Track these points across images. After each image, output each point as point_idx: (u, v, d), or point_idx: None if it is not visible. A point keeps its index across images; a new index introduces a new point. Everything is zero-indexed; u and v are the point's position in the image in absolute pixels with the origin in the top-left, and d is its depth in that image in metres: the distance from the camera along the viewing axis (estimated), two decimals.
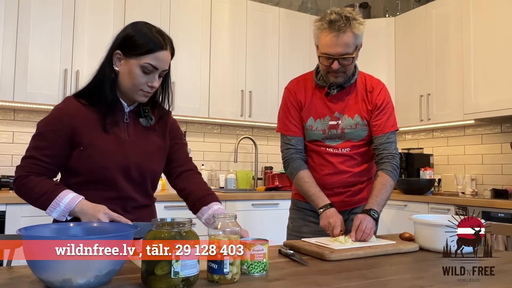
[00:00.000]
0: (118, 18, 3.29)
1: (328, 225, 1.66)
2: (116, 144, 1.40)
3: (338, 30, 1.64)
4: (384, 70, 4.06)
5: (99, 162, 1.37)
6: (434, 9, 3.78)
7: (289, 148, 1.85)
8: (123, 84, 1.40)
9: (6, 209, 2.60)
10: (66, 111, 1.39)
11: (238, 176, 4.08)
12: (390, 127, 1.81)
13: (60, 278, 0.92)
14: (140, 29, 1.38)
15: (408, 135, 4.43)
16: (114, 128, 1.41)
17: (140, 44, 1.35)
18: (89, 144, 1.36)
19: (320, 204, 1.73)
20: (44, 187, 1.32)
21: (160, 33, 1.39)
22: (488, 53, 3.30)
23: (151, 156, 1.47)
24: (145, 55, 1.35)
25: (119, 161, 1.39)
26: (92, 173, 1.37)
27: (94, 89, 1.42)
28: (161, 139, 1.51)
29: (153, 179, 1.51)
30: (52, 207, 1.29)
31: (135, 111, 1.48)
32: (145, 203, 1.50)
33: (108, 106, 1.40)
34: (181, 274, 0.95)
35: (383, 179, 1.74)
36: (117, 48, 1.39)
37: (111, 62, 1.40)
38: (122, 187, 1.41)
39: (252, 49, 3.86)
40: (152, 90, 1.40)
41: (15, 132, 3.27)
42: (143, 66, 1.35)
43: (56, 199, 1.29)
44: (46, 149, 1.36)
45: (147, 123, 1.48)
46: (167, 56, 1.38)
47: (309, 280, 1.10)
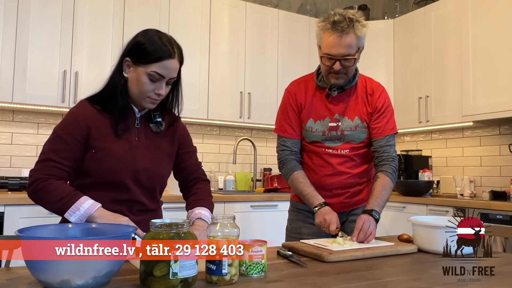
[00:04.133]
0: (117, 19, 3.29)
1: (323, 222, 1.68)
2: (127, 149, 1.43)
3: (341, 31, 1.65)
4: (383, 72, 4.07)
5: (110, 165, 1.40)
6: (433, 11, 3.80)
7: (284, 150, 1.87)
8: (131, 91, 1.43)
9: (4, 210, 2.60)
10: (82, 115, 1.41)
11: (237, 177, 4.08)
12: (390, 130, 1.82)
13: (59, 279, 0.92)
14: (150, 37, 1.40)
15: (406, 137, 4.43)
16: (125, 133, 1.45)
17: (148, 52, 1.37)
18: (100, 147, 1.40)
19: (315, 203, 1.75)
20: (63, 191, 1.34)
21: (170, 41, 1.40)
22: (486, 55, 3.31)
23: (160, 161, 1.50)
24: (153, 63, 1.37)
25: (129, 165, 1.42)
26: (102, 175, 1.40)
27: (107, 95, 1.44)
28: (170, 145, 1.55)
29: (161, 183, 1.54)
30: (71, 211, 1.30)
31: (145, 117, 1.51)
32: (152, 207, 1.52)
33: (120, 112, 1.43)
34: (180, 275, 0.95)
35: (384, 180, 1.74)
36: (127, 55, 1.41)
37: (121, 68, 1.43)
38: (130, 190, 1.44)
39: (251, 51, 3.87)
40: (159, 98, 1.43)
41: (14, 133, 3.26)
42: (150, 74, 1.37)
43: (76, 204, 1.31)
44: (64, 152, 1.37)
45: (157, 129, 1.51)
46: (175, 64, 1.40)
47: (307, 281, 1.10)
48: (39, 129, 3.33)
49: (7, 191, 2.97)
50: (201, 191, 1.59)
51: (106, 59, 3.21)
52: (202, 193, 1.58)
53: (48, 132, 3.67)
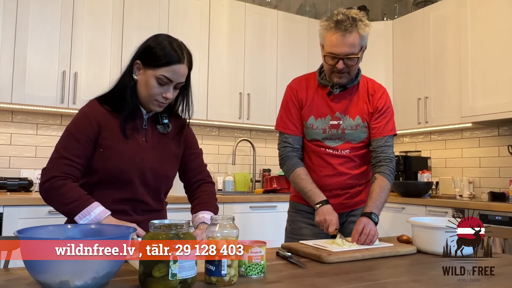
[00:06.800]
0: (116, 20, 3.29)
1: (323, 221, 1.68)
2: (134, 149, 1.45)
3: (345, 30, 1.65)
4: (382, 73, 4.07)
5: (118, 164, 1.42)
6: (432, 12, 3.80)
7: (286, 146, 1.86)
8: (140, 93, 1.46)
9: (3, 211, 2.59)
10: (93, 114, 1.44)
11: (236, 178, 4.08)
12: (389, 131, 1.82)
13: (58, 279, 0.92)
14: (161, 41, 1.42)
15: (406, 138, 4.43)
16: (133, 134, 1.47)
17: (158, 56, 1.39)
18: (109, 147, 1.42)
19: (316, 200, 1.74)
20: (76, 193, 1.35)
21: (180, 47, 1.43)
22: (485, 56, 3.31)
23: (166, 161, 1.53)
24: (162, 67, 1.39)
25: (136, 164, 1.44)
26: (109, 174, 1.42)
27: (116, 96, 1.47)
28: (176, 146, 1.57)
29: (167, 184, 1.56)
30: (82, 214, 1.32)
31: (153, 118, 1.53)
32: (156, 207, 1.54)
33: (129, 113, 1.45)
34: (179, 276, 0.95)
35: (382, 182, 1.74)
36: (138, 58, 1.45)
37: (131, 71, 1.46)
38: (136, 189, 1.46)
39: (251, 52, 3.87)
40: (166, 101, 1.45)
41: (13, 134, 3.26)
42: (158, 78, 1.40)
43: (87, 208, 1.33)
44: (77, 150, 1.39)
45: (164, 130, 1.53)
46: (183, 69, 1.42)
47: (307, 282, 1.10)
48: (38, 129, 3.33)
49: (6, 191, 2.97)
50: (205, 194, 1.59)
51: (105, 60, 3.21)
52: (206, 197, 1.59)
53: (48, 133, 3.67)
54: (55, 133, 3.35)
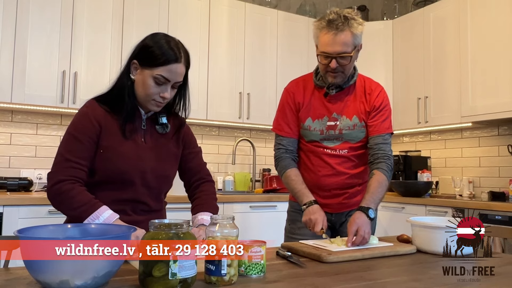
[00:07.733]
0: (116, 20, 3.29)
1: (309, 221, 1.67)
2: (134, 149, 1.45)
3: (336, 29, 1.66)
4: (382, 73, 4.07)
5: (118, 165, 1.41)
6: (432, 12, 3.80)
7: (280, 148, 1.88)
8: (137, 93, 1.45)
9: (3, 211, 2.59)
10: (93, 114, 1.43)
11: (236, 178, 4.08)
12: (386, 129, 1.82)
13: (58, 279, 0.92)
14: (158, 41, 1.41)
15: (405, 138, 4.43)
16: (133, 134, 1.46)
17: (155, 56, 1.38)
18: (108, 147, 1.41)
19: (304, 200, 1.74)
20: (85, 198, 1.35)
21: (177, 46, 1.42)
22: (485, 56, 3.31)
23: (165, 161, 1.52)
24: (159, 67, 1.38)
25: (136, 165, 1.44)
26: (109, 175, 1.42)
27: (115, 96, 1.46)
28: (175, 146, 1.57)
29: (166, 184, 1.56)
30: (91, 218, 1.32)
31: (151, 118, 1.53)
32: (156, 207, 1.53)
33: (128, 113, 1.44)
34: (179, 275, 0.95)
35: (380, 177, 1.74)
36: (135, 57, 1.43)
37: (129, 70, 1.45)
38: (137, 190, 1.45)
39: (250, 52, 3.87)
40: (164, 101, 1.44)
41: (13, 134, 3.26)
42: (155, 77, 1.39)
43: (96, 212, 1.32)
44: (81, 152, 1.39)
45: (162, 130, 1.53)
46: (181, 69, 1.41)
47: (306, 282, 1.10)
48: (38, 129, 3.33)
49: (5, 191, 2.97)
50: (204, 195, 1.59)
51: (105, 60, 3.21)
52: (205, 197, 1.58)
53: (47, 133, 3.67)
54: (55, 133, 3.36)
